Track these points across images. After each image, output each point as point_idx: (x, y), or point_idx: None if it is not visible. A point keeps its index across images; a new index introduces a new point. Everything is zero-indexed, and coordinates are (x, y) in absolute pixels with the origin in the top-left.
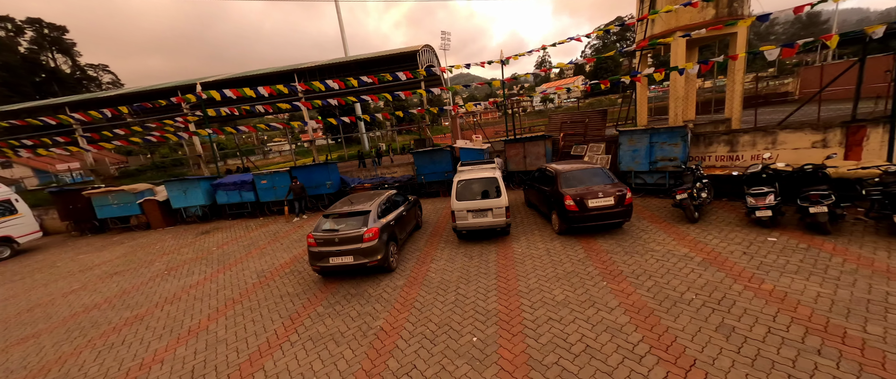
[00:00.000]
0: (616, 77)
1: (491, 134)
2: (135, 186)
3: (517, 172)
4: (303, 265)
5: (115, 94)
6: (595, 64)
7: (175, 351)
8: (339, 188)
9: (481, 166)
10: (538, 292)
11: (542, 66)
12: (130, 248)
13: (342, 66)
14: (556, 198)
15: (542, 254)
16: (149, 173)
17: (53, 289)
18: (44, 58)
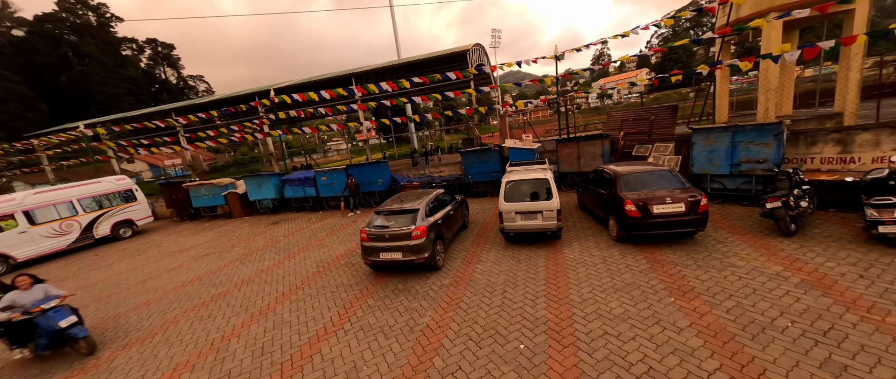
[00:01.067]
0: (691, 69)
1: (541, 133)
2: (220, 180)
3: (570, 174)
4: (356, 258)
5: (208, 101)
6: (663, 55)
7: (249, 328)
8: (389, 186)
9: (532, 167)
10: (592, 303)
11: (601, 60)
12: (216, 234)
13: (395, 69)
14: (615, 202)
15: (597, 262)
16: (231, 169)
17: (160, 265)
18: (158, 71)
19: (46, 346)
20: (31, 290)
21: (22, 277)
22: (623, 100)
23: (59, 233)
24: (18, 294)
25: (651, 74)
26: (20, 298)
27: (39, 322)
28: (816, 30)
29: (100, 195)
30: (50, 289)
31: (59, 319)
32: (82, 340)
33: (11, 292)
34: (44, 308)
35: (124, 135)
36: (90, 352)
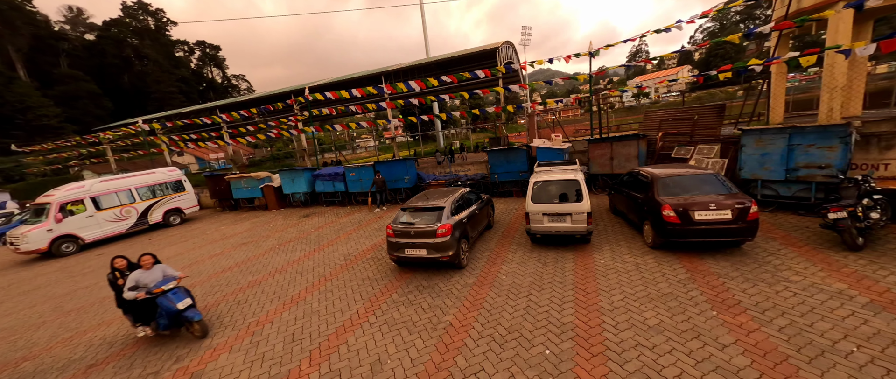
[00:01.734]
0: (742, 64)
1: (571, 133)
2: (258, 174)
3: (602, 176)
4: (381, 253)
5: (249, 99)
6: (708, 50)
7: (281, 314)
8: (415, 183)
9: (561, 167)
10: (624, 312)
11: (638, 57)
12: (253, 224)
13: (424, 67)
14: (652, 206)
15: (630, 269)
16: (268, 164)
17: (203, 251)
18: (205, 71)
19: (166, 326)
20: (152, 269)
21: (146, 256)
22: (661, 99)
23: (120, 218)
24: (142, 273)
25: (694, 72)
26: (143, 277)
27: (160, 302)
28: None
29: (154, 185)
30: (166, 269)
31: (177, 300)
32: (196, 323)
33: (136, 271)
34: (164, 289)
35: (176, 130)
36: (203, 334)
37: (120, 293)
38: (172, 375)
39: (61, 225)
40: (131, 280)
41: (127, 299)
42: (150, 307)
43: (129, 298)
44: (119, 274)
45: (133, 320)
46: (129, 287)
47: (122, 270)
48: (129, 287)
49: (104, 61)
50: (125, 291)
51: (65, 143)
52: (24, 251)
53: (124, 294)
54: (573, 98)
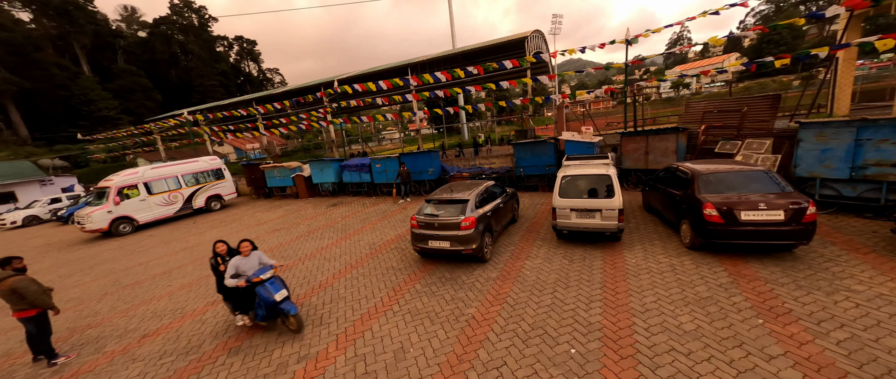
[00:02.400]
0: (804, 50)
1: (602, 126)
2: (289, 164)
3: (635, 171)
4: (405, 244)
5: (282, 91)
6: (761, 36)
7: (310, 299)
8: (439, 175)
9: (591, 161)
10: (657, 314)
11: (679, 44)
12: (285, 211)
13: (450, 58)
14: (691, 204)
15: (664, 270)
16: (299, 154)
17: (240, 236)
18: (243, 65)
19: (263, 317)
20: (250, 256)
21: (244, 242)
22: (704, 89)
23: (168, 202)
24: (241, 260)
25: (744, 59)
26: (242, 263)
27: (258, 292)
28: None
29: (197, 172)
30: (262, 257)
31: (275, 291)
32: (292, 317)
33: (236, 258)
34: (263, 278)
35: (216, 121)
36: (298, 329)
37: (221, 279)
38: (213, 349)
39: (119, 207)
40: (231, 267)
41: (228, 287)
42: (248, 296)
43: (231, 285)
44: (220, 260)
45: (232, 308)
46: (231, 274)
47: (222, 255)
48: (230, 274)
49: (154, 57)
50: (226, 277)
51: (121, 132)
52: (88, 230)
53: (226, 281)
54: (606, 89)
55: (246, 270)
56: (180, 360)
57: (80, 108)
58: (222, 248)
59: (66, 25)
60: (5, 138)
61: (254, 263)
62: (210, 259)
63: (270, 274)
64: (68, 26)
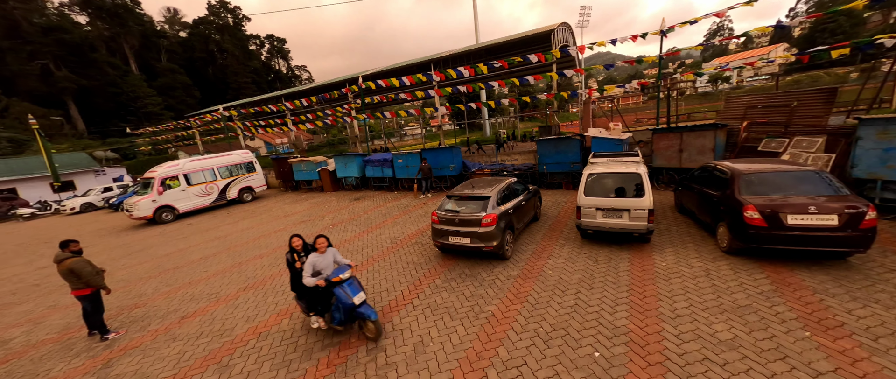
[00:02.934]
0: (866, 39)
1: (631, 122)
2: (316, 158)
3: (667, 170)
4: (425, 239)
5: (309, 88)
6: (813, 24)
7: None
8: (460, 171)
9: (620, 159)
10: (690, 321)
11: (719, 34)
12: (311, 204)
13: (473, 54)
14: (730, 206)
15: (698, 274)
16: (324, 149)
17: (269, 227)
18: (273, 63)
19: (340, 321)
20: (326, 253)
21: (321, 238)
22: (746, 83)
23: (205, 193)
24: (318, 257)
25: (794, 50)
26: (319, 261)
27: (336, 293)
28: None
29: (230, 165)
30: (337, 255)
31: (353, 293)
32: (371, 322)
33: (313, 255)
34: (342, 278)
35: (249, 116)
36: (377, 336)
37: (295, 276)
38: (244, 333)
39: (162, 197)
40: (309, 265)
41: (307, 286)
42: (323, 296)
43: (311, 284)
44: (296, 255)
45: (306, 308)
46: (309, 273)
47: (298, 250)
48: (308, 272)
49: (193, 55)
50: (305, 276)
51: (164, 127)
52: (135, 217)
53: (305, 280)
54: (637, 83)
55: (323, 268)
56: (215, 341)
57: (128, 104)
58: (298, 243)
59: (117, 27)
60: (65, 132)
61: (329, 260)
62: (286, 254)
63: (349, 274)
64: (119, 28)
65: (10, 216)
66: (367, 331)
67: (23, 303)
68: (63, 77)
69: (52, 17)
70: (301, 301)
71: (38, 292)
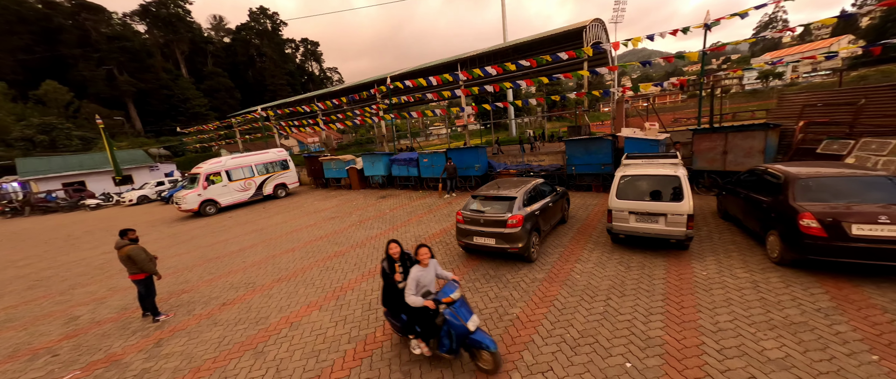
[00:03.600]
0: None
1: (668, 122)
2: (344, 157)
3: (709, 173)
4: (450, 238)
5: (339, 89)
6: (885, 13)
7: (360, 284)
8: (485, 171)
9: (656, 161)
10: (733, 336)
11: (771, 27)
12: (339, 201)
13: (501, 53)
14: (782, 213)
15: (743, 286)
16: (352, 148)
17: (301, 222)
18: (307, 65)
19: (450, 349)
20: (428, 266)
21: (423, 248)
22: (802, 79)
23: (244, 189)
24: (421, 272)
25: (860, 42)
26: (422, 277)
27: (447, 316)
28: None
29: (267, 163)
30: (438, 267)
31: (466, 317)
32: (489, 353)
33: (415, 269)
34: (453, 299)
35: (284, 117)
36: (494, 368)
37: (390, 287)
38: (277, 322)
39: (206, 191)
40: (412, 280)
41: (411, 306)
42: (425, 316)
43: (416, 305)
44: (397, 265)
45: (401, 328)
46: (412, 290)
47: (395, 258)
48: (412, 290)
49: (235, 59)
50: (408, 294)
51: (209, 126)
52: (183, 209)
53: (409, 299)
54: (676, 81)
55: (426, 283)
56: (251, 328)
57: (178, 106)
58: (396, 250)
59: (171, 34)
60: (125, 131)
61: (432, 275)
62: (382, 262)
63: (459, 294)
64: (172, 35)
65: (80, 206)
66: (481, 362)
67: (89, 284)
68: (124, 81)
69: (116, 26)
70: (393, 319)
71: (102, 275)
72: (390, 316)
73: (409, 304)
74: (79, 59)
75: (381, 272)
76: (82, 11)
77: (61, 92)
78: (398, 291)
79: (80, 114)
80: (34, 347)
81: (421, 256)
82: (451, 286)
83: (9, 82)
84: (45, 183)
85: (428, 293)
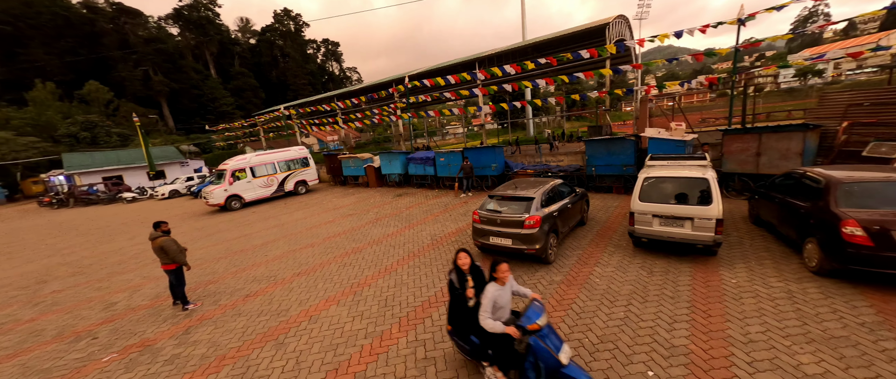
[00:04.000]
0: None
1: (695, 121)
2: (362, 155)
3: (740, 175)
4: (465, 237)
5: (358, 88)
6: None
7: (377, 281)
8: (502, 171)
9: (683, 162)
10: (766, 348)
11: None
12: (357, 199)
13: (519, 51)
14: (823, 220)
15: (777, 296)
16: (370, 146)
17: (320, 218)
18: (328, 65)
19: None
20: (507, 284)
21: (503, 264)
22: (845, 76)
23: (267, 185)
24: (498, 290)
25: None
26: (501, 295)
27: (534, 346)
28: None
29: (288, 160)
30: (514, 285)
31: (557, 347)
32: None
33: (491, 287)
34: (539, 325)
35: (304, 116)
36: None
37: (458, 303)
38: (297, 315)
39: (232, 187)
40: (488, 300)
41: (487, 331)
42: (500, 340)
43: (496, 331)
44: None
45: (470, 352)
46: (489, 312)
47: (465, 271)
48: (488, 311)
49: (260, 60)
50: (483, 316)
51: (235, 124)
52: (211, 204)
53: (484, 323)
54: (706, 79)
55: (503, 304)
56: (273, 319)
57: (207, 105)
58: (466, 262)
59: (201, 36)
60: (159, 128)
61: (509, 293)
62: (449, 274)
63: (546, 319)
64: (202, 37)
65: (118, 199)
66: None
67: (126, 272)
68: (159, 81)
69: (152, 29)
70: (460, 340)
71: (137, 264)
72: (457, 336)
73: (487, 329)
74: (118, 60)
75: (448, 286)
76: (122, 15)
77: (103, 91)
78: (467, 310)
79: (119, 112)
80: (77, 329)
81: (500, 274)
82: (536, 309)
83: (56, 83)
84: (87, 177)
85: (511, 319)
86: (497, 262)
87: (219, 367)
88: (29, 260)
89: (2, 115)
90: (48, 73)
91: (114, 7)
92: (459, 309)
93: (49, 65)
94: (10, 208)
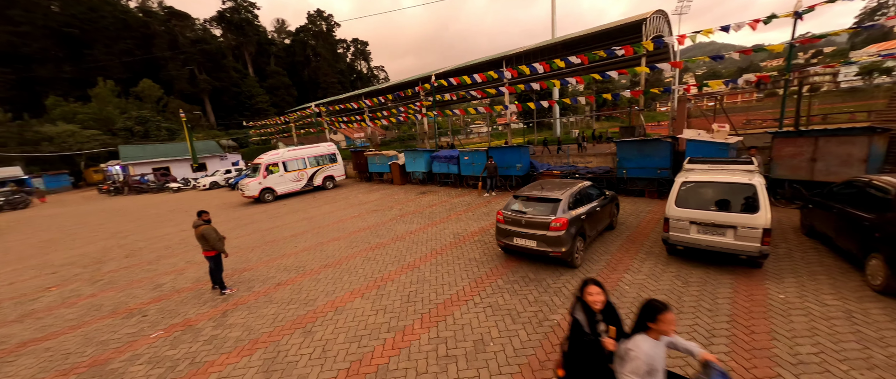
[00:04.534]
0: None
1: (739, 123)
2: (388, 152)
3: (791, 182)
4: (488, 237)
5: (385, 87)
6: None
7: (400, 276)
8: (527, 171)
9: (726, 167)
10: (820, 372)
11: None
12: (382, 195)
13: (548, 49)
14: (891, 233)
15: (834, 315)
16: (395, 144)
17: (346, 213)
18: (357, 64)
19: None
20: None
21: (668, 313)
22: None
23: (297, 179)
24: (653, 346)
25: None
26: (657, 354)
27: None
28: None
29: (317, 156)
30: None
31: None
32: None
33: (644, 341)
34: None
35: (333, 113)
36: None
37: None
38: (324, 305)
39: (266, 180)
40: (642, 361)
41: None
42: None
43: None
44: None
45: None
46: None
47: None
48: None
49: (294, 59)
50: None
51: (270, 121)
52: (246, 196)
53: None
54: (755, 77)
55: (660, 367)
56: (301, 308)
57: (245, 102)
58: (599, 299)
59: (241, 37)
60: (202, 124)
61: (663, 350)
62: (571, 312)
63: None
64: (242, 38)
65: (165, 188)
66: None
67: (171, 257)
68: (203, 79)
69: (198, 30)
70: None
71: (182, 249)
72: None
73: None
74: (168, 60)
75: (570, 325)
76: (173, 18)
77: (154, 89)
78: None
79: (168, 108)
80: (129, 306)
81: (663, 324)
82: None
83: (115, 80)
84: (139, 167)
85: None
86: (654, 306)
87: (252, 349)
88: (89, 242)
89: (70, 109)
90: (108, 71)
91: (166, 10)
92: (582, 355)
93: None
94: (75, 194)
